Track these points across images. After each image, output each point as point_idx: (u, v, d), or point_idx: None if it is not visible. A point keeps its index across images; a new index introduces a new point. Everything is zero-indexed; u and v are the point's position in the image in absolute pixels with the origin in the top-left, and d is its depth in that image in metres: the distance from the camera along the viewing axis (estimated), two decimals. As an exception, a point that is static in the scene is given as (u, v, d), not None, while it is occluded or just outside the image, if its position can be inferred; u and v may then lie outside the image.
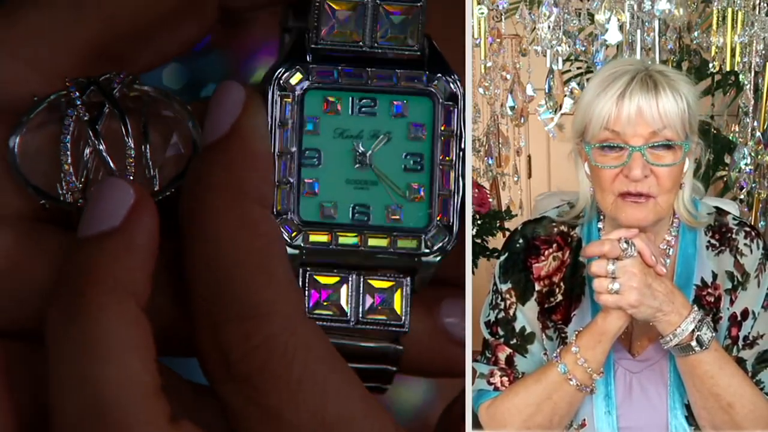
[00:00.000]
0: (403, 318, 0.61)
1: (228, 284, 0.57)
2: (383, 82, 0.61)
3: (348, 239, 0.60)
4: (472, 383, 0.91)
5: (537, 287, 0.92)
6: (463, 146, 0.62)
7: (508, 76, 1.52)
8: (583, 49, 1.40)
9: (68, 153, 0.60)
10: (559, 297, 0.92)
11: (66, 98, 0.60)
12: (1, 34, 0.61)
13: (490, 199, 1.62)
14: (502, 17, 1.47)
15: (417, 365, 0.63)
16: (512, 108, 1.52)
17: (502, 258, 0.95)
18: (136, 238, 0.57)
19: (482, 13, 1.43)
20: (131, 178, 0.60)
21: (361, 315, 0.61)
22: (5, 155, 0.60)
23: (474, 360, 0.93)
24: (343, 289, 0.61)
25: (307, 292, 0.60)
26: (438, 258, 0.61)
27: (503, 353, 0.92)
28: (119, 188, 0.58)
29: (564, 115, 1.42)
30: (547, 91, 1.42)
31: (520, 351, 0.92)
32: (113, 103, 0.60)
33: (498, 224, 1.61)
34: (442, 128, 0.61)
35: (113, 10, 0.61)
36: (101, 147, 0.60)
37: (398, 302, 0.61)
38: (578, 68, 1.48)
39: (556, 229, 0.93)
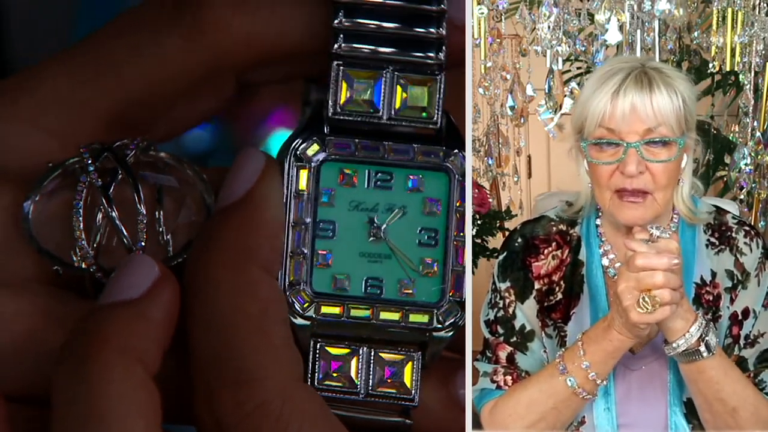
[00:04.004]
0: (413, 392, 0.61)
1: (224, 347, 0.56)
2: (400, 156, 0.61)
3: (360, 312, 0.60)
4: (474, 383, 0.91)
5: (536, 286, 0.92)
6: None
7: (508, 76, 1.53)
8: (583, 49, 1.41)
9: (80, 219, 0.60)
10: (559, 296, 0.92)
11: (79, 164, 0.60)
12: (19, 101, 0.61)
13: (490, 199, 1.63)
14: (502, 17, 1.47)
15: None
16: (512, 108, 1.52)
17: (501, 257, 0.95)
18: (153, 310, 0.57)
19: (482, 13, 1.43)
20: (143, 243, 0.60)
21: (371, 388, 0.61)
22: (20, 221, 0.60)
23: (474, 359, 0.93)
24: (354, 362, 0.60)
25: (317, 363, 0.60)
26: (450, 334, 0.61)
27: (504, 351, 0.92)
28: (144, 264, 0.58)
29: (564, 115, 1.42)
30: (547, 91, 1.42)
31: (521, 349, 0.92)
32: (126, 169, 0.60)
33: (498, 224, 1.61)
34: (458, 204, 0.61)
35: (133, 80, 0.61)
36: (113, 213, 0.60)
37: (408, 376, 0.61)
38: (578, 68, 1.48)
39: (555, 228, 0.93)
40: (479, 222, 1.56)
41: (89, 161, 0.60)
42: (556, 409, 0.87)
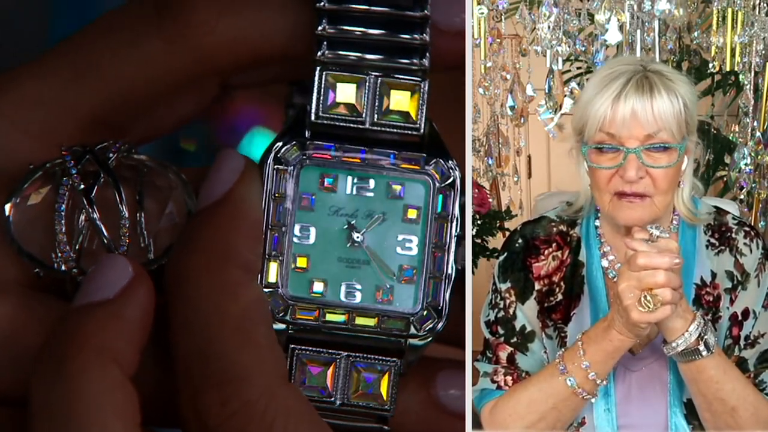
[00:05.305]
0: (389, 403, 0.61)
1: (207, 348, 0.56)
2: (381, 163, 0.61)
3: (336, 317, 0.60)
4: (474, 383, 0.91)
5: (537, 286, 0.92)
6: (458, 230, 0.61)
7: (508, 76, 1.53)
8: (583, 49, 1.41)
9: (62, 221, 0.60)
10: (559, 296, 0.92)
11: (61, 167, 0.60)
12: (0, 101, 0.61)
13: (490, 199, 1.63)
14: (502, 17, 1.47)
15: None
16: (512, 108, 1.52)
17: (502, 258, 0.95)
18: (127, 310, 0.57)
19: (482, 13, 1.43)
20: (125, 247, 0.60)
21: (347, 398, 0.61)
22: (1, 223, 0.60)
23: (474, 360, 0.93)
24: (330, 371, 0.61)
25: (294, 372, 0.60)
26: (425, 341, 0.61)
27: (504, 352, 0.92)
28: (118, 264, 0.58)
29: (564, 115, 1.42)
30: (547, 91, 1.42)
31: (521, 349, 0.92)
32: (108, 171, 0.60)
33: (498, 224, 1.61)
34: (437, 212, 0.61)
35: (114, 82, 0.61)
36: (95, 216, 0.60)
37: (385, 386, 0.61)
38: (578, 68, 1.48)
39: (555, 229, 0.93)
40: (479, 222, 1.57)
41: (71, 164, 0.60)
42: (556, 409, 0.87)
